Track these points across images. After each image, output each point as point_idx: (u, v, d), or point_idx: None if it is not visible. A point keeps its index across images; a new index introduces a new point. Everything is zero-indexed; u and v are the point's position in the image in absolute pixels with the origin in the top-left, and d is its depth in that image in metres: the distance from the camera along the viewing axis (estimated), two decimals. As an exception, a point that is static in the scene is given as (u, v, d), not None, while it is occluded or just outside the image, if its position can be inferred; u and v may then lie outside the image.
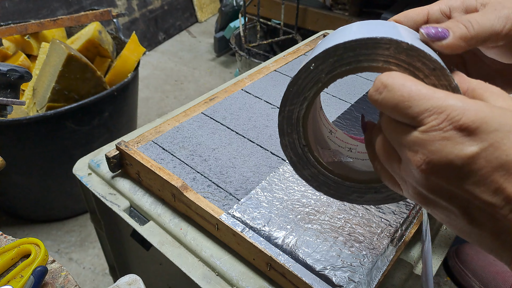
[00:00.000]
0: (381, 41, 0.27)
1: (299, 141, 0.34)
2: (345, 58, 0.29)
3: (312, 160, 0.34)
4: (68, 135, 1.17)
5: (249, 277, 0.46)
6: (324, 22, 1.84)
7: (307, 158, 0.34)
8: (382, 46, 0.27)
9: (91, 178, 0.60)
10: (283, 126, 0.33)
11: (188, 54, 2.46)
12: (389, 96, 0.25)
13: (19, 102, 0.62)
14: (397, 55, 0.27)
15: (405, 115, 0.25)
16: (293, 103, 0.32)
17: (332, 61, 0.29)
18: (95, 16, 1.35)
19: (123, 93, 1.26)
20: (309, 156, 0.34)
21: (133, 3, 2.32)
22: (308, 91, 0.31)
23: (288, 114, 0.33)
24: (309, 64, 0.30)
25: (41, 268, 0.42)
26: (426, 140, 0.24)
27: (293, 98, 0.32)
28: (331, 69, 0.30)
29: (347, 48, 0.28)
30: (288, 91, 0.32)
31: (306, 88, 0.31)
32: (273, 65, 0.80)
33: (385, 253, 0.46)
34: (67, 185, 1.30)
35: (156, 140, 0.60)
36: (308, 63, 0.30)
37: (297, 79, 0.31)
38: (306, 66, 0.31)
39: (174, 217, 0.53)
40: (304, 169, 0.35)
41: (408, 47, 0.26)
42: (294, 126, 0.33)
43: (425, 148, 0.24)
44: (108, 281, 1.23)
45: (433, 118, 0.23)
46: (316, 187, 0.35)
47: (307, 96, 0.32)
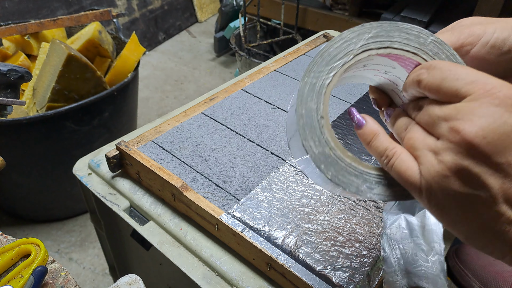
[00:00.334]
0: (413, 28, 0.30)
1: (316, 112, 0.32)
2: (379, 37, 0.31)
3: (325, 135, 0.32)
4: (68, 135, 1.17)
5: (249, 277, 0.46)
6: (324, 22, 1.84)
7: (321, 131, 0.32)
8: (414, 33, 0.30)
9: (91, 178, 0.60)
10: (303, 92, 0.32)
11: (188, 54, 2.46)
12: (437, 73, 0.27)
13: (19, 102, 0.62)
14: (426, 45, 0.30)
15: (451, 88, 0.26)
16: (320, 70, 0.32)
17: (367, 36, 0.31)
18: (95, 16, 1.35)
19: (123, 93, 1.26)
20: (324, 130, 0.32)
21: (133, 3, 2.32)
22: (338, 61, 0.31)
23: (312, 80, 0.32)
24: (345, 35, 0.31)
25: (41, 268, 0.42)
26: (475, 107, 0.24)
27: (321, 65, 0.32)
28: (364, 43, 0.31)
29: (383, 28, 0.31)
30: (319, 56, 0.32)
31: (337, 57, 0.31)
32: (273, 65, 0.80)
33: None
34: (67, 185, 1.30)
35: (156, 140, 0.60)
36: (344, 34, 0.31)
37: (330, 47, 0.31)
38: (342, 36, 0.31)
39: (174, 217, 0.53)
40: (316, 146, 0.32)
41: (434, 39, 0.30)
42: (316, 94, 0.32)
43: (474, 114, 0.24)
44: (108, 281, 1.23)
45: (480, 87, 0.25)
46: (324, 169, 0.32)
47: (335, 66, 0.31)
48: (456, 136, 0.25)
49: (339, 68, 0.31)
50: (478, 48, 0.32)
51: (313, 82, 0.32)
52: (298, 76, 0.78)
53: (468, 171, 0.25)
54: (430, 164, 0.26)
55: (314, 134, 0.32)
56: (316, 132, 0.32)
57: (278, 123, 0.65)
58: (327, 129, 0.32)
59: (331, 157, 0.32)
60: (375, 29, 0.31)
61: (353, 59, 0.31)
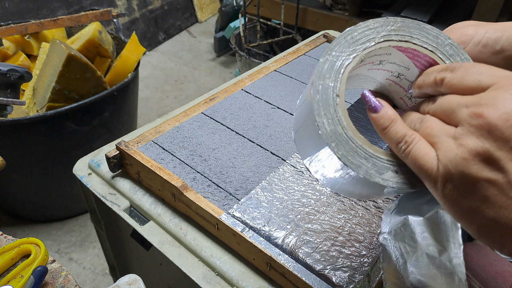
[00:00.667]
0: (433, 29, 0.32)
1: (333, 90, 0.32)
2: (401, 30, 0.32)
3: (339, 114, 0.32)
4: (68, 135, 1.17)
5: (249, 277, 0.46)
6: (324, 22, 1.84)
7: (335, 109, 0.32)
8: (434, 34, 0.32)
9: (91, 178, 0.60)
10: (323, 69, 0.32)
11: (188, 54, 2.46)
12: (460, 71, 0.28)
13: (19, 102, 0.62)
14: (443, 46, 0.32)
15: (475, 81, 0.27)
16: (342, 50, 0.33)
17: (390, 28, 0.33)
18: (95, 16, 1.35)
19: (123, 93, 1.26)
20: (338, 109, 0.32)
21: (133, 3, 2.32)
22: (360, 45, 0.32)
23: (333, 58, 0.32)
24: (370, 23, 0.33)
25: (41, 268, 0.42)
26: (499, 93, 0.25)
27: (344, 46, 0.33)
28: (386, 34, 0.33)
29: (405, 23, 0.33)
30: (342, 37, 0.33)
31: (359, 41, 0.32)
32: (273, 65, 0.81)
33: (385, 253, 0.46)
34: (67, 185, 1.30)
35: (156, 140, 0.60)
36: (369, 22, 0.33)
37: (354, 31, 0.33)
38: (367, 24, 0.33)
39: (174, 217, 0.53)
40: (329, 123, 0.31)
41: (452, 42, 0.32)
42: (335, 72, 0.32)
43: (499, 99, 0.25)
44: (108, 281, 1.23)
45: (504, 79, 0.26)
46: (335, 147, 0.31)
47: (357, 49, 0.32)
48: (478, 120, 0.25)
49: (361, 52, 0.32)
50: (471, 47, 0.34)
51: (334, 61, 0.32)
52: (298, 76, 0.78)
53: (489, 154, 0.25)
54: (449, 149, 0.26)
55: (328, 111, 0.32)
56: (330, 110, 0.32)
57: (278, 123, 0.65)
58: (341, 108, 0.32)
59: (342, 136, 0.31)
60: (398, 24, 0.33)
61: (374, 45, 0.32)
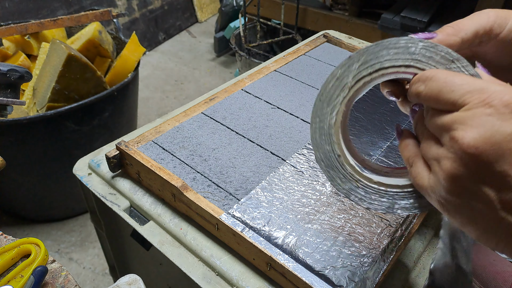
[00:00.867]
0: (400, 40, 0.30)
1: (333, 152, 0.34)
2: (368, 62, 0.31)
3: (348, 170, 0.34)
4: (68, 135, 1.17)
5: (249, 277, 0.46)
6: (324, 22, 1.84)
7: (343, 168, 0.34)
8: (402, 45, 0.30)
9: (91, 178, 0.60)
10: (315, 137, 0.34)
11: (188, 54, 2.46)
12: (433, 85, 0.27)
13: (19, 102, 0.62)
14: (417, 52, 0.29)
15: (448, 100, 0.26)
16: (323, 113, 0.33)
17: (357, 66, 0.31)
18: (95, 16, 1.35)
19: (123, 93, 1.26)
20: (345, 166, 0.34)
21: (133, 3, 2.32)
22: (336, 98, 0.33)
23: (320, 124, 0.33)
24: (335, 72, 0.32)
25: (41, 268, 0.42)
26: (468, 117, 0.25)
27: (323, 108, 0.33)
28: (356, 73, 0.31)
29: (369, 51, 0.31)
30: (318, 101, 0.33)
31: (334, 95, 0.33)
32: (273, 65, 0.81)
33: (385, 253, 0.46)
34: (67, 185, 1.30)
35: (156, 140, 0.60)
36: (334, 71, 0.32)
37: (325, 88, 0.33)
38: (333, 74, 0.32)
39: (174, 217, 0.53)
40: (344, 183, 0.34)
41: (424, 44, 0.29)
42: (327, 135, 0.33)
43: (467, 124, 0.25)
44: (108, 281, 1.23)
45: (475, 97, 0.25)
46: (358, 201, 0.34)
47: (336, 104, 0.33)
48: (454, 145, 0.26)
49: (340, 105, 0.32)
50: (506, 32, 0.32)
51: (321, 126, 0.33)
52: (298, 76, 0.78)
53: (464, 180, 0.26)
54: (434, 172, 0.28)
55: (338, 173, 0.34)
56: (339, 170, 0.34)
57: (278, 123, 0.65)
58: (348, 164, 0.33)
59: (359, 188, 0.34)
60: (363, 56, 0.31)
61: (349, 91, 0.32)
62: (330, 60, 0.84)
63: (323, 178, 0.55)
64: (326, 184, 0.54)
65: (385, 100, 0.71)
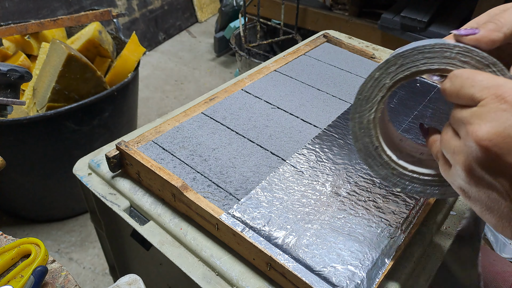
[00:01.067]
0: (435, 46, 0.32)
1: (371, 144, 0.38)
2: (404, 65, 0.34)
3: (385, 159, 0.38)
4: (68, 135, 1.17)
5: (249, 277, 0.46)
6: (324, 22, 1.84)
7: (380, 157, 0.39)
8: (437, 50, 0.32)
9: (91, 178, 0.60)
10: (355, 131, 0.38)
11: (188, 54, 2.46)
12: (457, 81, 0.29)
13: (19, 102, 0.62)
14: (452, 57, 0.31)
15: (467, 95, 0.28)
16: (362, 110, 0.37)
17: (394, 69, 0.34)
18: (95, 16, 1.35)
19: (123, 93, 1.26)
20: (382, 155, 0.38)
21: (133, 3, 2.32)
22: (374, 98, 0.36)
23: (359, 119, 0.38)
24: (374, 73, 0.35)
25: (41, 268, 0.42)
26: (484, 111, 0.27)
27: (361, 105, 0.37)
28: (394, 75, 0.35)
29: (405, 56, 0.33)
30: (357, 99, 0.37)
31: (372, 95, 0.36)
32: (273, 65, 0.81)
33: (385, 253, 0.46)
34: (67, 185, 1.30)
35: (156, 140, 0.60)
36: (372, 73, 0.35)
37: (364, 87, 0.36)
38: (371, 75, 0.36)
39: (174, 217, 0.53)
40: (380, 170, 0.39)
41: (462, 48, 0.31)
42: (366, 129, 0.38)
43: (482, 118, 0.26)
44: (108, 281, 1.23)
45: (492, 93, 0.27)
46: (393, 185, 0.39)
47: (374, 102, 0.37)
48: (469, 139, 0.27)
49: (378, 104, 0.36)
50: None
51: (360, 121, 0.37)
52: (298, 76, 0.78)
53: (479, 171, 0.27)
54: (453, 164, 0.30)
55: (375, 161, 0.39)
56: (377, 159, 0.38)
57: (278, 123, 0.65)
58: (384, 154, 0.38)
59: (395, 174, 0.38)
60: (399, 60, 0.34)
61: (387, 92, 0.36)
62: (330, 60, 0.84)
63: (323, 178, 0.55)
64: (326, 184, 0.54)
65: (385, 100, 0.71)
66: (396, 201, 0.52)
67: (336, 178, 0.55)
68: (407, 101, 0.71)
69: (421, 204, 0.52)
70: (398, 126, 0.65)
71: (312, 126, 0.64)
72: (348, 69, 0.81)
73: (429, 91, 0.74)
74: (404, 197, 0.52)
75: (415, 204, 0.52)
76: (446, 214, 0.56)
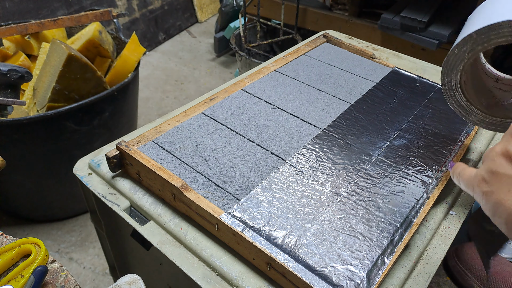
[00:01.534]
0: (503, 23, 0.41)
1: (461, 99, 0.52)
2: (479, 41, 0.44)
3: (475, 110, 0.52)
4: (68, 135, 1.17)
5: (249, 277, 0.46)
6: (324, 22, 1.84)
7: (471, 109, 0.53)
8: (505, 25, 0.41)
9: (91, 178, 0.60)
10: (446, 92, 0.52)
11: (188, 54, 2.46)
12: None
13: (19, 102, 0.62)
14: None
15: None
16: (449, 75, 0.49)
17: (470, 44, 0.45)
18: (95, 16, 1.35)
19: (123, 93, 1.26)
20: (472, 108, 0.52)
21: (133, 3, 2.32)
22: (458, 67, 0.48)
23: (448, 83, 0.51)
24: (454, 50, 0.47)
25: (41, 268, 0.42)
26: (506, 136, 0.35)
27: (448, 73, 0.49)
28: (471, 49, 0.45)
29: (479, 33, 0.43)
30: (444, 68, 0.49)
31: (455, 64, 0.48)
32: (273, 65, 0.81)
33: (385, 253, 0.46)
34: (67, 185, 1.30)
35: (156, 140, 0.60)
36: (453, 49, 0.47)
37: (448, 59, 0.48)
38: (452, 51, 0.47)
39: (174, 217, 0.53)
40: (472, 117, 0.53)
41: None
42: (454, 91, 0.51)
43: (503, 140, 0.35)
44: (108, 281, 1.23)
45: None
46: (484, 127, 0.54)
47: (458, 70, 0.48)
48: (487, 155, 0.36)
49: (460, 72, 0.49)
50: None
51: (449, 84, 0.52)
52: (298, 76, 0.78)
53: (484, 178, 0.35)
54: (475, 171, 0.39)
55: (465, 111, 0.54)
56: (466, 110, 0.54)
57: (278, 123, 0.65)
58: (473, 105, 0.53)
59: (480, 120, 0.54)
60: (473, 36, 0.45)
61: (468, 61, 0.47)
62: (330, 60, 0.84)
63: (323, 178, 0.55)
64: (326, 184, 0.54)
65: (385, 100, 0.71)
66: (396, 201, 0.52)
67: (336, 178, 0.55)
68: (407, 101, 0.71)
69: (421, 204, 0.52)
70: (398, 126, 0.65)
71: (312, 126, 0.64)
72: (348, 69, 0.81)
73: (429, 91, 0.74)
74: (404, 197, 0.52)
75: (415, 204, 0.52)
76: (446, 214, 0.56)
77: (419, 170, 0.57)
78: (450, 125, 0.65)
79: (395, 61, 0.90)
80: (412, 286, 0.47)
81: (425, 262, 0.50)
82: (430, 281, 0.48)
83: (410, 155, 0.59)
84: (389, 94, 0.73)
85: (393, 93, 0.73)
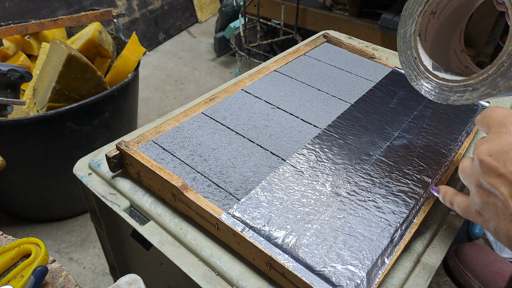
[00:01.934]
0: None
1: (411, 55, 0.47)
2: None
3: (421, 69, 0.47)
4: (68, 135, 1.17)
5: (249, 277, 0.46)
6: (324, 22, 1.84)
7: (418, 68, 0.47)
8: None
9: (91, 178, 0.60)
10: (400, 44, 0.47)
11: (188, 54, 2.46)
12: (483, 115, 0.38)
13: (19, 102, 0.62)
14: None
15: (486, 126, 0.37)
16: (406, 24, 0.46)
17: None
18: (96, 16, 1.35)
19: (123, 93, 1.26)
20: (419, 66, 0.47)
21: (134, 3, 2.32)
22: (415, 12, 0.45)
23: (403, 34, 0.47)
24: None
25: (41, 268, 0.42)
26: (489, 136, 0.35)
27: (405, 20, 0.46)
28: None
29: None
30: (402, 16, 0.46)
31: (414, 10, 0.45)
32: (273, 65, 0.81)
33: (385, 253, 0.46)
34: (67, 185, 1.30)
35: (156, 140, 0.60)
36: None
37: (407, 5, 0.45)
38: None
39: (174, 217, 0.53)
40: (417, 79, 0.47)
41: None
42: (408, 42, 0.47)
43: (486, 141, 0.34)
44: (108, 281, 1.23)
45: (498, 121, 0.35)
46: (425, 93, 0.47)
47: (416, 17, 0.45)
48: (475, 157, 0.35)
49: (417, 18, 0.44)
50: None
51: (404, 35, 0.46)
52: (298, 76, 0.78)
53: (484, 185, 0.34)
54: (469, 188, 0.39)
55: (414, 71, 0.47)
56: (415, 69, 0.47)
57: (278, 123, 0.65)
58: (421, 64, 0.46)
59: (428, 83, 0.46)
60: None
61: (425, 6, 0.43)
62: (330, 60, 0.84)
63: (323, 178, 0.55)
64: (326, 184, 0.54)
65: (385, 100, 0.71)
66: (396, 201, 0.52)
67: (336, 178, 0.55)
68: (407, 101, 0.71)
69: (421, 204, 0.52)
70: (398, 126, 0.65)
71: (312, 126, 0.64)
72: (348, 69, 0.81)
73: (429, 91, 0.74)
74: (404, 197, 0.52)
75: (415, 204, 0.52)
76: (446, 214, 0.56)
77: (419, 170, 0.57)
78: (450, 125, 0.66)
79: (395, 61, 0.90)
80: (412, 286, 0.47)
81: (425, 262, 0.50)
82: (430, 281, 0.48)
83: (410, 155, 0.59)
84: (389, 94, 0.73)
85: (393, 93, 0.73)
